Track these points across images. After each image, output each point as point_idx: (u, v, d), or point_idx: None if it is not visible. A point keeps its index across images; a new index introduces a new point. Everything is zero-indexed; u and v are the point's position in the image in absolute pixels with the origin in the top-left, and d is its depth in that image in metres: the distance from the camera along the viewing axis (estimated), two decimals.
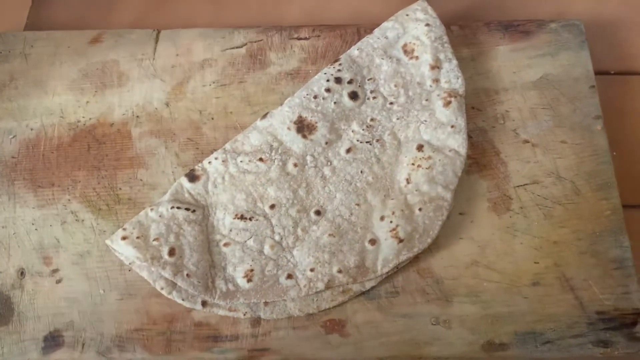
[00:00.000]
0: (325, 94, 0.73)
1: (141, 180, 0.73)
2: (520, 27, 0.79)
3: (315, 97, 0.73)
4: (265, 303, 0.65)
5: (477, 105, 0.75)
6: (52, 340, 0.65)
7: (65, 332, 0.65)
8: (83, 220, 0.71)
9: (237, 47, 0.80)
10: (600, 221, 0.69)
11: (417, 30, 0.76)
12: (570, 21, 0.79)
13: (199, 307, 0.65)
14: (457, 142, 0.70)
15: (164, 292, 0.65)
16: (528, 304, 0.65)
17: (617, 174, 0.72)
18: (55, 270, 0.68)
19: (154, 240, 0.65)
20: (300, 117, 0.72)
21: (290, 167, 0.70)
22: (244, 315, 0.65)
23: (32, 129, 0.76)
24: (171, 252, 0.64)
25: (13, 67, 0.79)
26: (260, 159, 0.70)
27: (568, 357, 0.63)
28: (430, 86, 0.74)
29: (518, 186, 0.71)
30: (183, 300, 0.65)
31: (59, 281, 0.68)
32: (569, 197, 0.70)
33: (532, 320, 0.64)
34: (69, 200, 0.72)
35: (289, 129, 0.71)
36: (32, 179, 0.73)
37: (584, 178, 0.71)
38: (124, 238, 0.65)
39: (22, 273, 0.68)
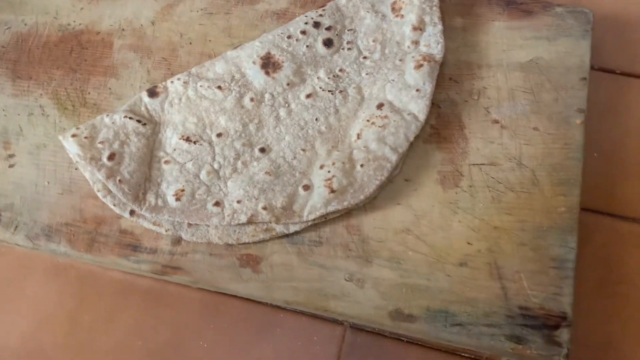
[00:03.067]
0: (300, 36, 0.72)
1: (110, 89, 0.75)
2: (523, 5, 0.75)
3: (289, 37, 0.72)
4: (189, 225, 0.66)
5: (455, 77, 0.72)
6: None
7: (4, 212, 0.69)
8: (48, 116, 0.73)
9: None
10: (551, 216, 0.64)
11: None
12: (578, 8, 0.74)
13: (127, 215, 0.66)
14: (418, 107, 0.67)
15: (99, 195, 0.67)
16: (449, 282, 0.62)
17: (590, 176, 0.68)
18: (11, 155, 0.71)
19: (99, 143, 0.67)
20: (268, 53, 0.71)
21: (246, 100, 0.70)
22: (166, 231, 0.66)
23: (25, 24, 0.79)
24: (111, 157, 0.66)
25: None
26: (219, 87, 0.70)
27: (475, 345, 0.60)
28: (408, 47, 0.71)
29: (474, 164, 0.67)
30: (114, 205, 0.67)
31: (11, 166, 0.71)
32: (525, 186, 0.66)
33: (448, 300, 0.61)
34: (41, 94, 0.75)
35: (254, 63, 0.71)
36: (14, 69, 0.77)
37: (546, 170, 0.66)
38: (73, 135, 0.68)
39: None
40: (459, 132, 0.69)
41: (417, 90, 0.68)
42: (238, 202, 0.64)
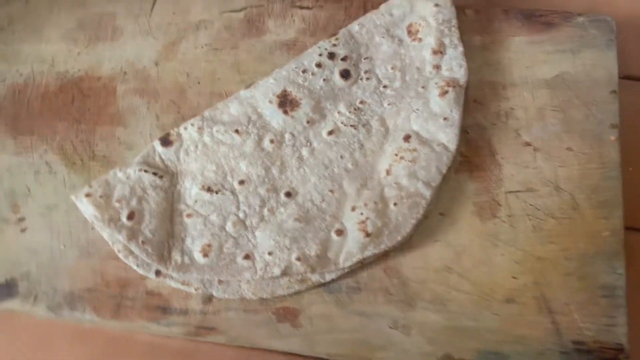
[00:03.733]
0: (315, 69, 0.68)
1: (119, 138, 0.71)
2: (542, 17, 0.72)
3: (304, 71, 0.68)
4: (219, 281, 0.63)
5: (480, 99, 0.69)
6: (7, 289, 0.65)
7: (21, 282, 0.65)
8: (56, 173, 0.70)
9: (236, 11, 0.76)
10: (595, 242, 0.62)
11: (424, 10, 0.69)
12: (600, 16, 0.71)
13: (152, 275, 0.63)
14: (447, 137, 0.64)
15: (120, 256, 0.63)
16: (498, 321, 0.60)
17: (628, 192, 0.65)
18: (21, 219, 0.68)
19: (116, 201, 0.63)
20: (284, 91, 0.68)
21: (266, 142, 0.66)
22: (196, 290, 0.63)
23: (21, 75, 0.75)
24: (130, 216, 0.62)
25: (12, 11, 0.78)
26: (236, 131, 0.66)
27: None
28: (430, 72, 0.68)
29: (510, 192, 0.64)
30: (138, 266, 0.63)
31: (23, 230, 0.67)
32: (565, 211, 0.63)
33: (498, 340, 0.59)
34: (46, 150, 0.71)
35: (270, 102, 0.67)
36: (14, 125, 0.72)
37: (585, 192, 0.64)
38: (87, 195, 0.64)
39: None
40: (491, 158, 0.66)
41: (445, 118, 0.65)
42: (269, 253, 0.61)
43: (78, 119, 0.72)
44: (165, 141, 0.67)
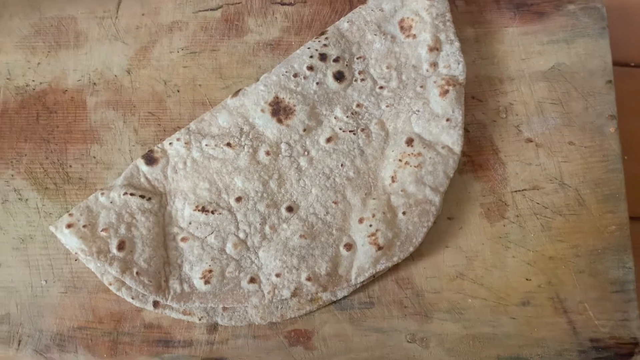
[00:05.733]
0: (307, 73, 0.64)
1: (94, 157, 0.64)
2: (534, 6, 0.70)
3: (295, 75, 0.64)
4: (224, 308, 0.59)
5: (478, 95, 0.67)
6: None
7: (1, 325, 0.59)
8: (27, 200, 0.63)
9: (211, 10, 0.70)
10: (603, 237, 0.61)
11: (417, 3, 0.66)
12: (590, 3, 0.70)
13: (150, 307, 0.58)
14: (452, 139, 0.62)
15: (112, 288, 0.58)
16: (515, 325, 0.59)
17: (626, 181, 0.65)
18: None
19: (102, 230, 0.58)
20: (276, 97, 0.63)
21: (261, 155, 0.62)
22: (200, 320, 0.58)
23: None
24: (120, 246, 0.57)
25: None
26: (228, 144, 0.62)
27: None
28: (427, 70, 0.65)
29: (516, 191, 0.63)
30: (133, 298, 0.58)
31: None
32: (572, 208, 0.62)
33: (518, 344, 0.58)
34: (12, 176, 0.64)
35: (262, 111, 0.63)
36: None
37: (590, 187, 0.63)
38: (69, 226, 0.58)
39: None
40: (494, 156, 0.64)
41: (447, 119, 0.62)
42: (277, 275, 0.58)
43: (46, 137, 0.65)
44: (150, 159, 0.61)
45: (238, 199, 0.60)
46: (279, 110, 0.63)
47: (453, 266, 0.61)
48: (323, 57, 0.65)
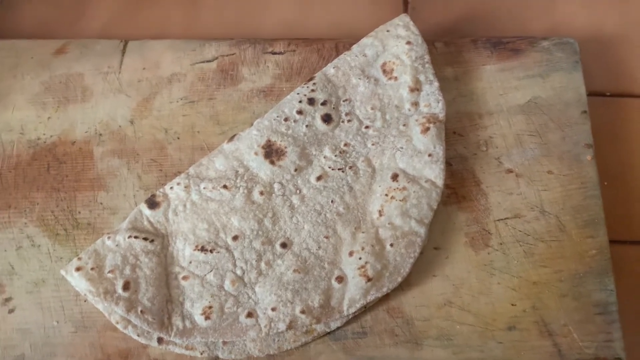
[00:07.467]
0: (297, 117, 0.69)
1: (101, 203, 0.69)
2: (509, 44, 0.74)
3: (286, 119, 0.69)
4: (224, 342, 0.62)
5: (459, 130, 0.71)
6: None
7: None
8: (39, 246, 0.67)
9: (207, 61, 0.75)
10: (584, 261, 0.64)
11: (397, 48, 0.71)
12: (563, 39, 0.74)
13: (154, 344, 0.62)
14: (434, 173, 0.65)
15: (119, 327, 0.62)
16: (502, 349, 0.61)
17: (605, 206, 0.68)
18: (8, 299, 0.65)
19: (108, 272, 0.62)
20: (268, 141, 0.67)
21: (256, 195, 0.66)
22: (202, 354, 0.62)
23: None
24: (125, 286, 0.61)
25: None
26: (225, 186, 0.66)
27: None
28: (409, 110, 0.69)
29: (499, 220, 0.66)
30: (138, 336, 0.62)
31: (11, 311, 0.65)
32: (553, 234, 0.65)
33: None
34: (26, 223, 0.68)
35: (256, 154, 0.67)
36: None
37: (569, 213, 0.66)
38: (78, 269, 0.62)
39: None
40: (476, 188, 0.68)
41: (429, 155, 0.66)
42: (273, 309, 0.61)
43: (56, 187, 0.70)
44: (152, 203, 0.66)
45: (235, 238, 0.64)
46: (271, 153, 0.67)
47: (441, 294, 0.63)
48: (311, 101, 0.69)
